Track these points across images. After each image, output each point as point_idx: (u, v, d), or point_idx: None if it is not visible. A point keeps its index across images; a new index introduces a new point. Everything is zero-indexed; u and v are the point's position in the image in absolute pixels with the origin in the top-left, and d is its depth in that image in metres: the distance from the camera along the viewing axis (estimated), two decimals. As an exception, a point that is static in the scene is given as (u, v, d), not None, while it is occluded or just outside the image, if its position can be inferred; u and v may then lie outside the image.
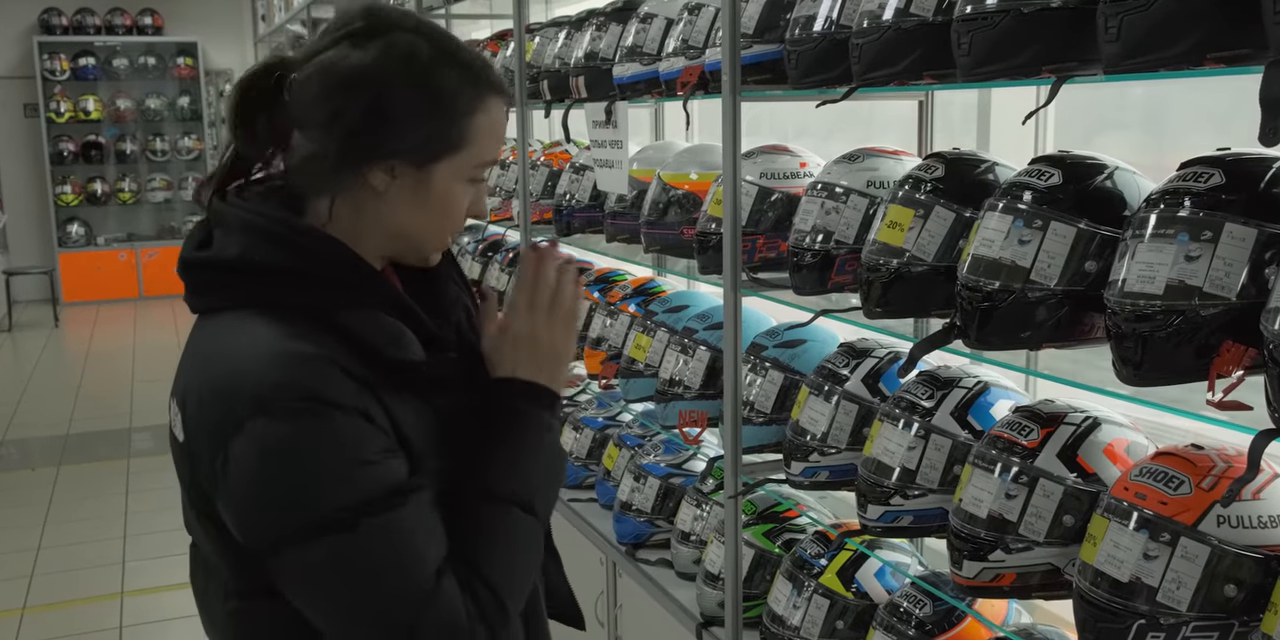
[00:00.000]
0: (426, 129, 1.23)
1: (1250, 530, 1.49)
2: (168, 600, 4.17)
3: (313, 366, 1.16)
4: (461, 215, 1.32)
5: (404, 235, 1.30)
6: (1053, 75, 1.63)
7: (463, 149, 1.26)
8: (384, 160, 1.23)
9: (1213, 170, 1.49)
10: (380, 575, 1.16)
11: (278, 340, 1.18)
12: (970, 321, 1.76)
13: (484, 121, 1.27)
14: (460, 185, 1.29)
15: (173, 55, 11.50)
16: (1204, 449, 1.60)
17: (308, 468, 1.15)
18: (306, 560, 1.16)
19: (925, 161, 2.03)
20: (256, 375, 1.15)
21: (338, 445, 1.15)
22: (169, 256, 11.13)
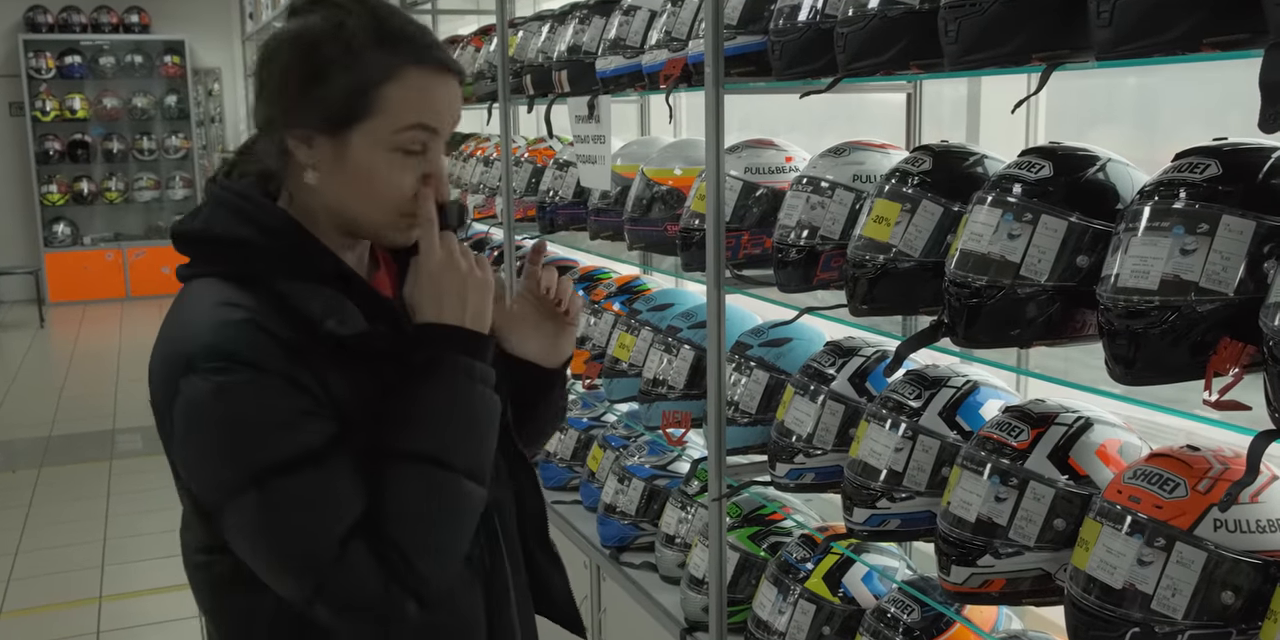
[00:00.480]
0: (326, 96, 1.24)
1: (1248, 535, 1.43)
2: (148, 605, 4.11)
3: (238, 329, 1.21)
4: (396, 188, 1.28)
5: (342, 210, 1.30)
6: (1043, 63, 1.57)
7: (371, 117, 1.24)
8: (295, 129, 1.26)
9: (1209, 160, 1.44)
10: (287, 537, 1.20)
11: (215, 305, 1.24)
12: (958, 319, 1.71)
13: (397, 90, 1.25)
14: (383, 155, 1.26)
15: (160, 53, 11.41)
16: (1200, 450, 1.54)
17: (226, 427, 1.20)
18: (230, 517, 1.21)
19: (912, 154, 1.97)
20: (191, 339, 1.22)
21: (254, 405, 1.19)
22: (156, 256, 11.08)
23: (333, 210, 1.31)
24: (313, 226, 1.31)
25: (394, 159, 1.27)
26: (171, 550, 3.93)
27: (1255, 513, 1.45)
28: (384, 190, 1.28)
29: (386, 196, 1.29)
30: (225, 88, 11.92)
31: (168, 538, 1.24)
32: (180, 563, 1.36)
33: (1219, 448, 1.55)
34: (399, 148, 1.27)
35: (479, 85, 3.96)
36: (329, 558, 1.19)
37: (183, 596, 4.15)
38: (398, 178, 1.28)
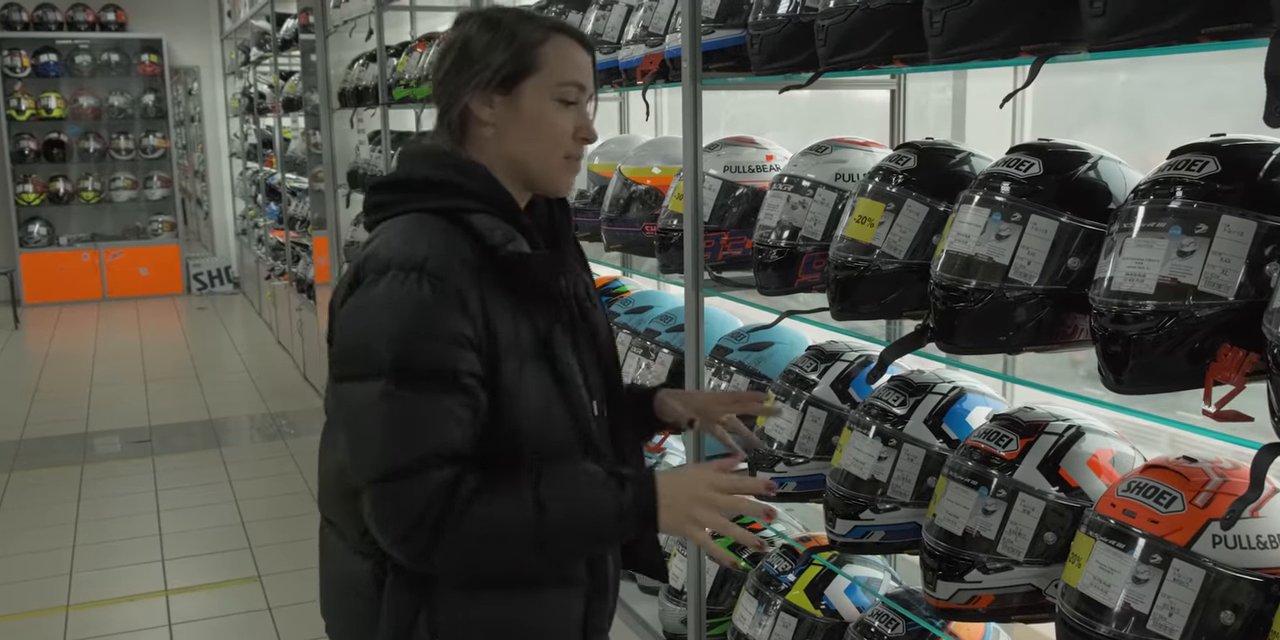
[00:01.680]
0: (499, 59, 1.49)
1: (1248, 551, 1.37)
2: (116, 613, 4.01)
3: (435, 249, 1.42)
4: (561, 130, 1.52)
5: (519, 158, 1.53)
6: (1032, 56, 1.50)
7: (537, 71, 1.50)
8: (479, 92, 1.50)
9: (1207, 158, 1.37)
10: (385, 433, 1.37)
11: (416, 229, 1.46)
12: (944, 323, 1.64)
13: (551, 49, 1.51)
14: (550, 105, 1.51)
15: (137, 52, 11.25)
16: (1197, 462, 1.48)
17: (391, 320, 1.38)
18: (348, 396, 1.42)
19: (896, 152, 1.90)
20: (391, 251, 1.42)
21: (423, 314, 1.38)
22: (133, 257, 10.94)
23: (509, 158, 1.53)
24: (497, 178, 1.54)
25: (556, 107, 1.52)
26: (142, 557, 3.80)
27: (1256, 528, 1.38)
28: (550, 132, 1.52)
29: (552, 137, 1.53)
30: (204, 87, 11.78)
31: (139, 544, 1.17)
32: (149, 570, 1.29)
33: (1217, 459, 1.48)
34: (559, 98, 1.52)
35: (455, 82, 3.88)
36: (399, 468, 1.36)
37: (153, 604, 4.08)
38: (561, 121, 1.52)
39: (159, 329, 9.46)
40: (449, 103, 1.53)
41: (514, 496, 1.38)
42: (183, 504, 5.09)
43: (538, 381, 1.46)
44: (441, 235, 1.44)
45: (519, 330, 1.45)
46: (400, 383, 1.36)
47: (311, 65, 6.06)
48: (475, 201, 1.49)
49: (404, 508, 1.36)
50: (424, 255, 1.40)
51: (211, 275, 11.23)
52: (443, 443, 1.37)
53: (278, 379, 7.44)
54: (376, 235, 1.51)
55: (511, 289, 1.45)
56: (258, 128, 9.42)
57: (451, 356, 1.38)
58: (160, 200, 11.41)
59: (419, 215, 1.48)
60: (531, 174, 1.55)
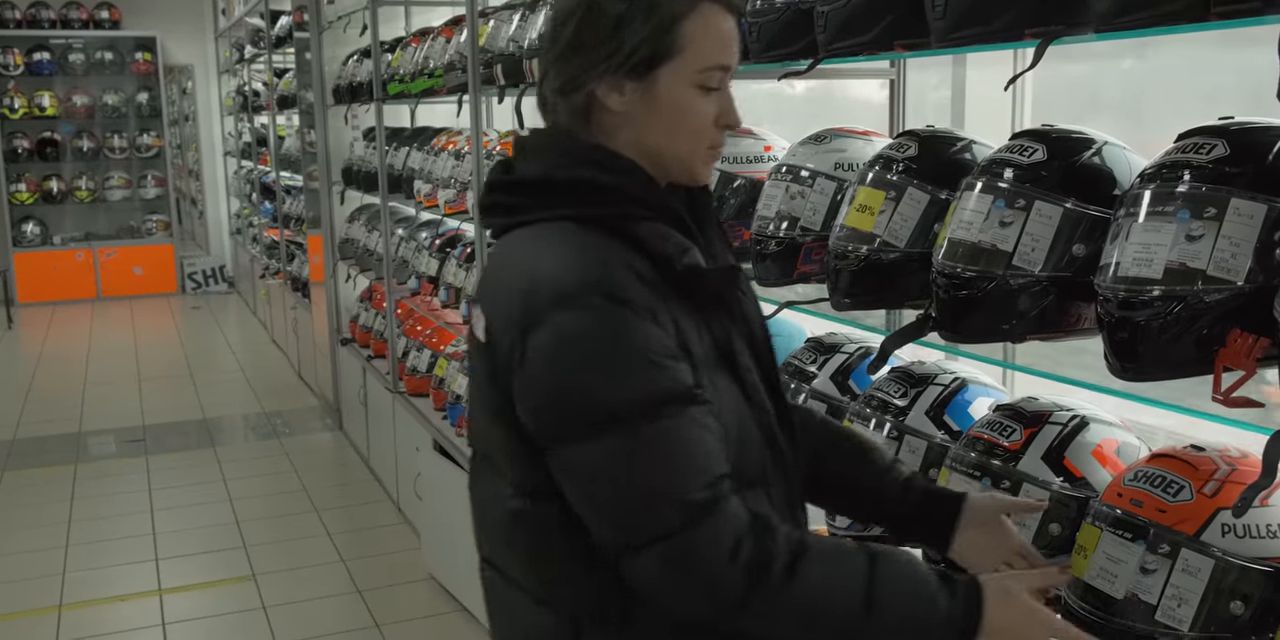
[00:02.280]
0: (635, 38, 1.27)
1: (1258, 540, 1.34)
2: (109, 613, 3.98)
3: (610, 268, 1.22)
4: (705, 123, 1.32)
5: (657, 152, 1.33)
6: (1036, 39, 1.48)
7: (676, 55, 1.28)
8: (607, 77, 1.28)
9: (1216, 141, 1.34)
10: (655, 478, 1.18)
11: (577, 245, 1.25)
12: (947, 312, 1.61)
13: (698, 25, 1.28)
14: (690, 92, 1.30)
15: (131, 50, 11.21)
16: (1205, 450, 1.45)
17: (599, 360, 1.19)
18: (585, 456, 1.20)
19: (897, 140, 1.88)
20: (558, 274, 1.22)
21: (629, 342, 1.19)
22: (128, 256, 10.90)
23: (642, 150, 1.33)
24: None
25: (696, 95, 1.31)
26: (135, 556, 3.77)
27: (1265, 517, 1.35)
28: (692, 124, 1.32)
29: (695, 128, 1.33)
30: (198, 85, 11.74)
31: (133, 543, 1.13)
32: (142, 569, 1.25)
33: (1224, 447, 1.46)
34: (701, 85, 1.31)
35: (449, 77, 3.86)
36: (696, 503, 1.18)
37: (146, 604, 4.05)
38: (704, 109, 1.32)
39: (153, 328, 9.42)
40: (572, 85, 1.30)
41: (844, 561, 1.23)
42: (177, 503, 5.06)
43: (728, 391, 1.29)
44: (605, 250, 1.24)
45: (703, 340, 1.28)
46: (643, 419, 1.18)
47: (306, 62, 6.03)
48: (641, 208, 1.29)
49: (715, 548, 1.17)
50: (598, 276, 1.21)
51: (206, 274, 11.19)
52: (715, 460, 1.21)
53: (272, 378, 7.41)
54: (518, 252, 1.30)
55: (687, 297, 1.27)
56: (252, 126, 9.39)
57: (675, 373, 1.21)
58: (154, 199, 11.37)
59: (565, 225, 1.27)
60: (668, 166, 1.34)
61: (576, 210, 1.28)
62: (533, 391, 1.23)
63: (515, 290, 1.25)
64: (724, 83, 1.33)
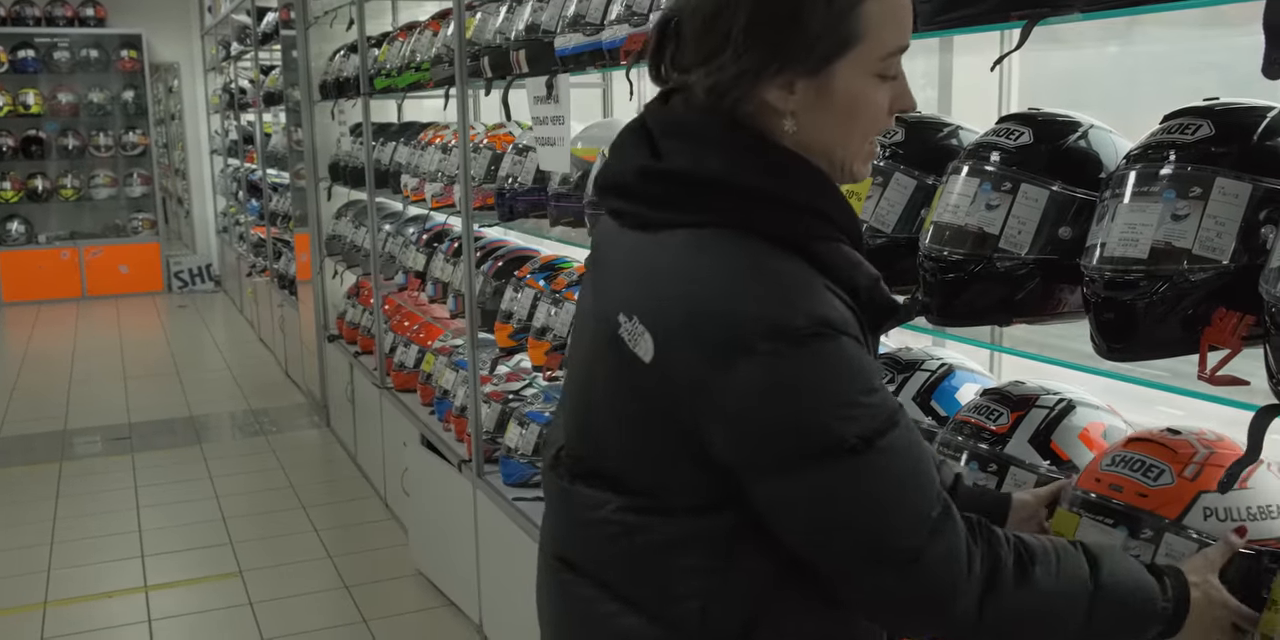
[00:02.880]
0: (810, 32, 1.13)
1: (1239, 523, 1.35)
2: (95, 610, 3.96)
3: (818, 293, 1.12)
4: (881, 114, 1.20)
5: (825, 151, 1.20)
6: (1023, 20, 1.48)
7: (857, 44, 1.14)
8: (777, 76, 1.15)
9: (1201, 121, 1.35)
10: (896, 495, 1.13)
11: (775, 264, 1.13)
12: (933, 295, 1.61)
13: (875, 9, 1.14)
14: (868, 83, 1.17)
15: (116, 48, 11.16)
16: (1181, 433, 1.45)
17: (825, 391, 1.11)
18: (821, 482, 1.12)
19: (884, 125, 1.87)
20: (762, 299, 1.11)
21: (852, 372, 1.12)
22: (113, 255, 10.85)
23: (805, 148, 1.19)
24: None
25: (875, 84, 1.18)
26: (121, 553, 3.75)
27: (1244, 499, 1.36)
28: (869, 115, 1.19)
29: (869, 122, 1.20)
30: (184, 83, 11.69)
31: (118, 540, 1.12)
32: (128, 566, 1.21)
33: (1201, 430, 1.46)
34: (880, 74, 1.18)
35: (436, 70, 3.85)
36: (934, 516, 1.13)
37: (132, 600, 4.02)
38: (880, 101, 1.19)
39: (139, 327, 9.38)
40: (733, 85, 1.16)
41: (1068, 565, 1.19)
42: (163, 500, 5.04)
43: None
44: (802, 274, 1.13)
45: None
46: (871, 445, 1.11)
47: (292, 59, 6.01)
48: (829, 227, 1.17)
49: (953, 558, 1.13)
50: (816, 308, 1.11)
51: (192, 273, 11.15)
52: (933, 476, 1.17)
53: (259, 376, 7.38)
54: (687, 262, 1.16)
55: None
56: (238, 123, 9.36)
57: (889, 397, 1.16)
58: (140, 198, 11.32)
59: (750, 239, 1.14)
60: (832, 164, 1.22)
61: (754, 221, 1.15)
62: (746, 421, 1.13)
63: (702, 310, 1.12)
64: (900, 68, 1.20)
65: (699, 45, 1.17)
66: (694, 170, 1.17)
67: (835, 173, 1.23)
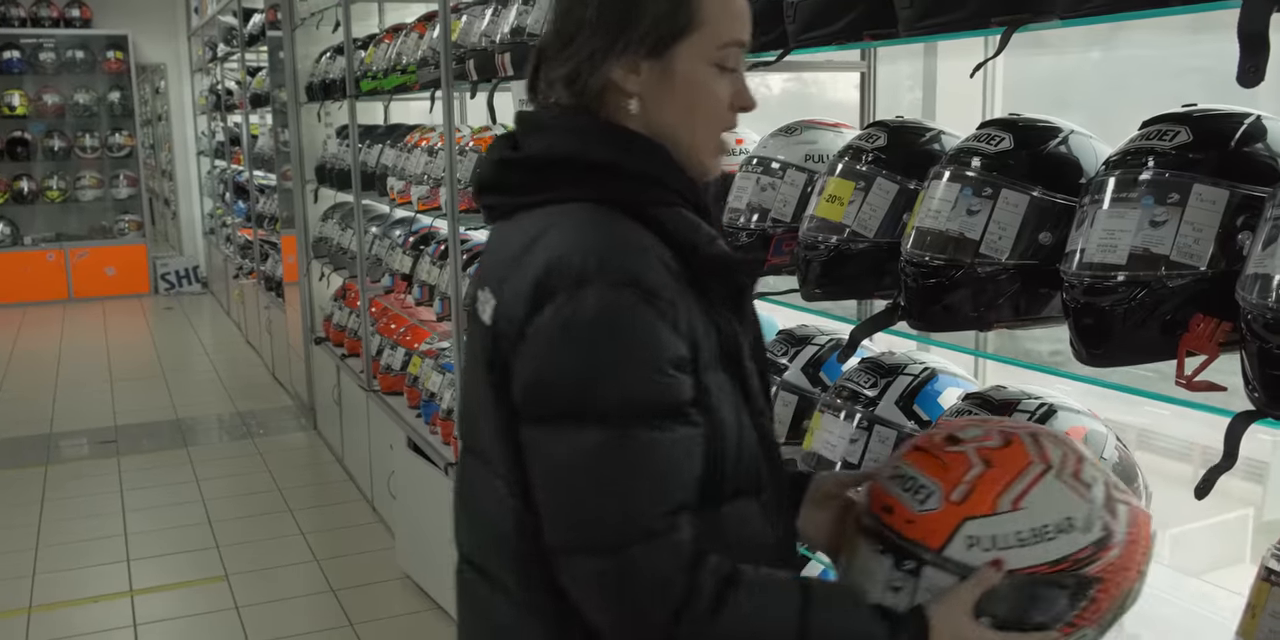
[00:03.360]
0: (650, 15, 1.22)
1: (1006, 551, 1.22)
2: (78, 615, 3.94)
3: (643, 255, 1.17)
4: (720, 105, 1.27)
5: (669, 135, 1.27)
6: (1003, 26, 1.48)
7: (694, 30, 1.23)
8: (622, 57, 1.23)
9: (1179, 127, 1.35)
10: (619, 489, 1.13)
11: (604, 225, 1.19)
12: (915, 300, 1.62)
13: (713, 1, 1.24)
14: (707, 70, 1.25)
15: (102, 49, 11.12)
16: (962, 442, 1.30)
17: (608, 350, 1.13)
18: (560, 444, 1.15)
19: (866, 130, 1.88)
20: (583, 252, 1.15)
21: (644, 341, 1.13)
22: (99, 257, 10.80)
23: (656, 135, 1.27)
24: None
25: (714, 74, 1.26)
26: (107, 558, 3.75)
27: (1014, 524, 1.22)
28: (708, 104, 1.27)
29: (710, 111, 1.28)
30: (171, 84, 11.66)
31: (104, 544, 1.12)
32: (114, 570, 1.22)
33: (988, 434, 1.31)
34: (718, 63, 1.26)
35: (423, 72, 3.84)
36: (648, 528, 1.12)
37: (117, 605, 4.01)
38: (720, 90, 1.27)
39: (125, 329, 9.35)
40: (588, 67, 1.24)
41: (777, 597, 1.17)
42: (149, 504, 5.02)
43: (729, 393, 1.22)
44: (635, 236, 1.18)
45: (711, 339, 1.21)
46: (631, 425, 1.12)
47: (279, 60, 6.00)
48: (666, 192, 1.23)
49: (652, 576, 1.12)
50: (633, 266, 1.15)
51: (179, 275, 11.11)
52: (686, 487, 1.15)
53: (246, 378, 7.36)
54: (534, 233, 1.22)
55: (701, 292, 1.21)
56: (225, 125, 9.33)
57: (679, 386, 1.15)
58: (127, 199, 11.28)
59: (589, 206, 1.21)
60: (681, 153, 1.27)
61: (599, 192, 1.22)
62: (530, 367, 1.17)
63: (530, 268, 1.18)
64: (740, 62, 1.28)
65: (559, 35, 1.27)
66: (545, 153, 1.26)
67: (688, 165, 1.29)
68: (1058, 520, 1.23)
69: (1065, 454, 1.28)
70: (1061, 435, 1.35)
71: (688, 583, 1.13)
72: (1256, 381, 1.16)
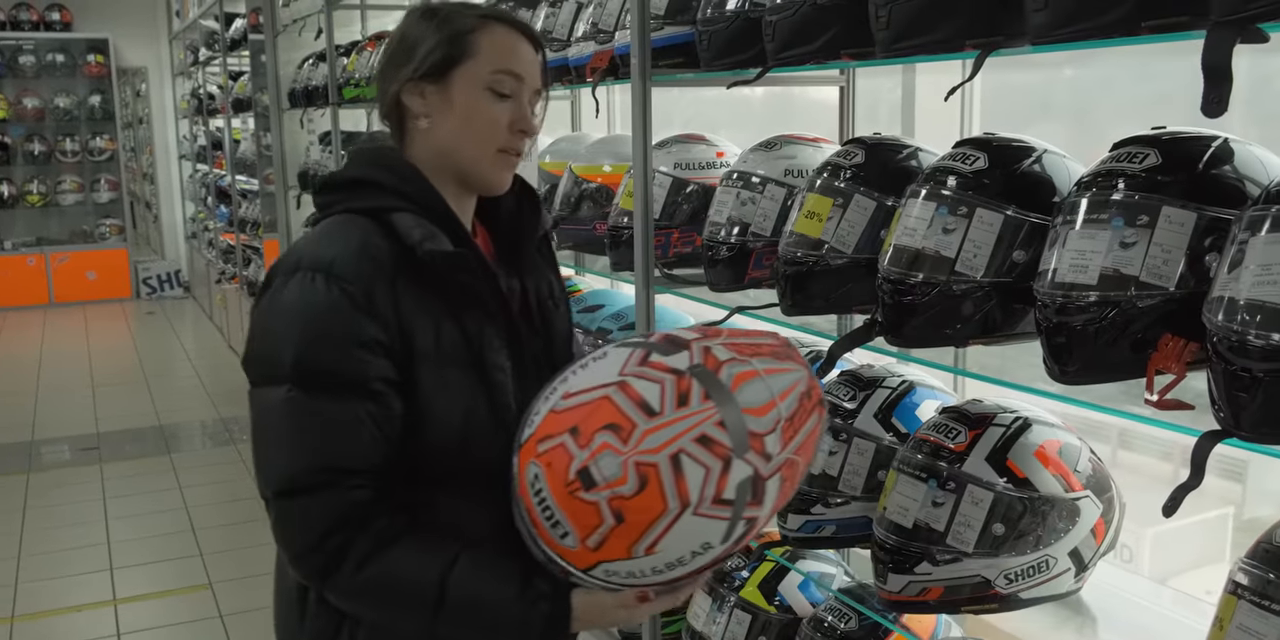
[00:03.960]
0: (429, 45, 1.44)
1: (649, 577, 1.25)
2: (61, 624, 3.93)
3: (346, 247, 1.38)
4: (493, 123, 1.46)
5: (451, 149, 1.47)
6: (977, 49, 1.51)
7: (468, 59, 1.44)
8: (410, 82, 1.45)
9: (1148, 150, 1.38)
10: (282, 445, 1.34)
11: (337, 230, 1.42)
12: (892, 317, 1.64)
13: (486, 37, 1.45)
14: (481, 94, 1.45)
15: (83, 52, 11.06)
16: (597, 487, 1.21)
17: (292, 322, 1.35)
18: (256, 401, 1.38)
19: (844, 147, 1.91)
20: (299, 252, 1.40)
21: (326, 317, 1.34)
22: (80, 261, 10.75)
23: (440, 151, 1.47)
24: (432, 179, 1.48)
25: (488, 98, 1.45)
26: (90, 566, 3.72)
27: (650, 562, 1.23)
28: (483, 125, 1.46)
29: (485, 130, 1.46)
30: (152, 88, 11.61)
31: (87, 553, 1.14)
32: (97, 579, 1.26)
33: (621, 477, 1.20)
34: (491, 88, 1.45)
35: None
36: (302, 479, 1.33)
37: (101, 614, 4.00)
38: (494, 113, 1.45)
39: (107, 334, 9.31)
40: (386, 98, 1.49)
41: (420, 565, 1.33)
42: (132, 512, 5.01)
43: (461, 387, 1.39)
44: (359, 235, 1.40)
45: (442, 333, 1.38)
46: (304, 389, 1.33)
47: (261, 65, 6.00)
48: (399, 199, 1.44)
49: (306, 526, 1.33)
50: (331, 257, 1.36)
51: (161, 279, 11.06)
52: (349, 454, 1.33)
53: (229, 383, 7.34)
54: (302, 237, 1.49)
55: (440, 290, 1.39)
56: (207, 129, 9.31)
57: (358, 361, 1.33)
58: (108, 203, 11.22)
59: (346, 216, 1.44)
60: (463, 168, 1.48)
61: (354, 203, 1.45)
62: (248, 338, 1.41)
63: (270, 267, 1.43)
64: (517, 92, 1.47)
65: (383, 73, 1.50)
66: (329, 178, 1.53)
67: (472, 178, 1.49)
68: (696, 547, 1.23)
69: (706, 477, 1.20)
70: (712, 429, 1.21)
71: (341, 539, 1.31)
72: (1222, 402, 1.19)
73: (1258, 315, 1.15)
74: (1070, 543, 1.67)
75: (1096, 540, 1.70)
